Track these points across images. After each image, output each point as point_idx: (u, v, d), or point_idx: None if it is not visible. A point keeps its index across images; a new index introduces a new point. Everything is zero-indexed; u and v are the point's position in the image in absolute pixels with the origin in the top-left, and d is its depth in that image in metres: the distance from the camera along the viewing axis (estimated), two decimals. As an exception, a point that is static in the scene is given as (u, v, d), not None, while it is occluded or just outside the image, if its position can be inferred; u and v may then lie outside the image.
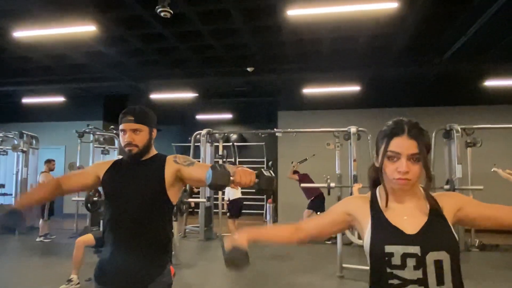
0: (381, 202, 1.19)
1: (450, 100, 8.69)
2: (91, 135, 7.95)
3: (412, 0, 4.99)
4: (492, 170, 5.91)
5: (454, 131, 6.38)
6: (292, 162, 7.80)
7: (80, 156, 7.79)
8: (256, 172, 1.40)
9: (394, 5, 4.58)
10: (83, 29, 5.40)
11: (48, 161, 7.25)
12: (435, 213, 1.14)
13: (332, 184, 5.79)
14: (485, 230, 6.66)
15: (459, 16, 5.53)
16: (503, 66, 7.36)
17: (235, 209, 7.07)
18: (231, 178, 1.35)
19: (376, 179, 1.24)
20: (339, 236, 4.90)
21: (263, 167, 10.24)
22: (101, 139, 8.21)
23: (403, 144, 1.09)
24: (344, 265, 4.72)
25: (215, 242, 7.08)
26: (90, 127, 8.08)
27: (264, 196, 10.24)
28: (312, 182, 7.29)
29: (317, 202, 7.07)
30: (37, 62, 7.89)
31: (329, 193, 6.02)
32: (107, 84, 9.06)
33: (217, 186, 1.35)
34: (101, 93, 10.45)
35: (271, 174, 1.40)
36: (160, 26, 5.91)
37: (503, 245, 6.50)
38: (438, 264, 1.07)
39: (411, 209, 1.15)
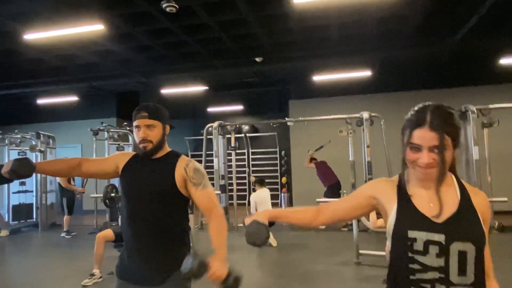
0: (408, 187, 1.17)
1: (464, 80, 8.49)
2: (106, 132, 8.08)
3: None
4: None
5: (470, 112, 6.25)
6: (309, 151, 7.78)
7: (96, 154, 7.94)
8: (228, 270, 1.54)
9: (403, -14, 4.47)
10: (92, 28, 5.45)
11: None
12: (466, 203, 1.12)
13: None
14: (503, 212, 6.58)
15: (471, -7, 5.37)
16: (519, 43, 7.13)
17: None
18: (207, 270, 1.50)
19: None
20: (355, 223, 4.91)
21: (276, 157, 10.21)
22: (116, 136, 8.35)
23: (424, 136, 1.07)
24: (360, 252, 4.73)
25: (231, 233, 7.16)
26: (104, 124, 8.21)
27: (279, 186, 10.29)
28: (329, 169, 7.30)
29: (333, 190, 7.07)
30: (49, 63, 8.02)
31: None
32: (119, 81, 9.16)
33: (194, 275, 1.48)
34: (113, 90, 10.58)
35: (239, 277, 1.56)
36: (167, 21, 5.91)
37: (524, 226, 6.39)
38: (462, 254, 1.06)
39: (440, 196, 1.13)
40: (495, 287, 1.20)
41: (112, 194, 6.15)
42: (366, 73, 8.44)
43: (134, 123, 1.70)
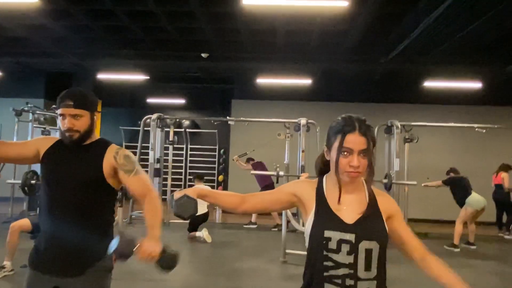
0: (325, 191, 1.29)
1: (392, 97, 9.23)
2: (31, 114, 7.42)
3: (362, 0, 5.21)
4: (423, 185, 6.50)
5: (395, 127, 6.82)
6: (233, 159, 8.04)
7: (18, 137, 7.27)
8: (162, 248, 1.48)
9: (345, 4, 4.75)
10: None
11: None
12: (372, 206, 1.26)
13: (281, 173, 5.97)
14: (417, 220, 7.30)
15: (404, 18, 5.87)
16: (441, 69, 7.96)
17: (195, 224, 6.18)
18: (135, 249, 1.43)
19: (323, 168, 1.35)
20: (284, 223, 5.10)
21: (215, 155, 10.20)
22: (42, 118, 7.69)
23: (355, 141, 1.19)
24: (287, 251, 4.93)
25: (163, 229, 7.00)
26: (29, 105, 7.53)
27: (215, 184, 10.29)
28: (266, 170, 7.47)
29: (268, 190, 7.25)
30: (-31, 31, 7.17)
31: (277, 181, 6.19)
32: (50, 60, 8.50)
33: (121, 254, 1.41)
34: (43, 69, 9.76)
35: (175, 254, 1.49)
36: (110, 3, 5.63)
37: (431, 233, 7.12)
38: (368, 252, 1.19)
39: (352, 200, 1.26)
40: (436, 260, 1.31)
41: (33, 181, 5.69)
42: (306, 81, 8.80)
43: (58, 111, 1.59)
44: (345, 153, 1.20)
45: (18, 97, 9.06)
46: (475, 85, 8.41)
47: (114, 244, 1.39)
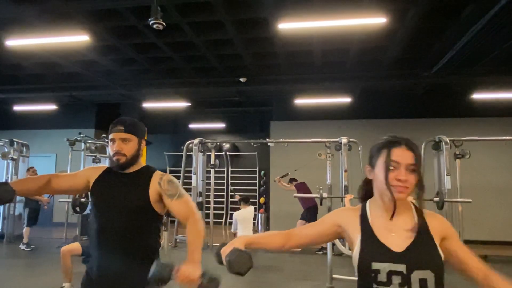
0: (370, 217, 1.22)
1: (439, 112, 8.83)
2: (83, 143, 7.91)
3: (401, 15, 5.12)
4: None
5: (443, 143, 6.47)
6: (275, 180, 8.07)
7: (71, 165, 7.74)
8: (202, 272, 1.47)
9: (383, 20, 4.69)
10: (76, 38, 5.41)
11: (28, 170, 7.25)
12: (423, 231, 1.16)
13: (324, 195, 5.85)
14: (473, 241, 6.76)
15: (446, 30, 5.67)
16: (490, 80, 7.52)
17: None
18: (173, 273, 1.42)
19: (367, 192, 1.28)
20: (329, 247, 4.92)
21: (256, 177, 10.17)
22: (93, 147, 8.17)
23: (402, 154, 1.14)
24: (334, 276, 4.73)
25: (206, 252, 7.04)
26: (81, 135, 8.04)
27: (256, 206, 10.24)
28: (309, 191, 7.35)
29: (311, 213, 7.11)
30: (29, 70, 7.88)
31: (321, 203, 6.07)
32: (99, 92, 9.07)
33: (160, 278, 1.40)
34: (93, 101, 10.44)
35: (216, 278, 1.45)
36: (153, 36, 5.96)
37: (491, 256, 6.57)
38: (423, 282, 1.09)
39: (400, 225, 1.17)
40: (500, 277, 1.19)
41: (82, 200, 6.01)
42: (346, 100, 8.66)
43: (110, 136, 1.70)
44: (392, 167, 1.14)
45: (71, 128, 9.72)
46: (529, 94, 7.87)
47: (152, 270, 1.40)
